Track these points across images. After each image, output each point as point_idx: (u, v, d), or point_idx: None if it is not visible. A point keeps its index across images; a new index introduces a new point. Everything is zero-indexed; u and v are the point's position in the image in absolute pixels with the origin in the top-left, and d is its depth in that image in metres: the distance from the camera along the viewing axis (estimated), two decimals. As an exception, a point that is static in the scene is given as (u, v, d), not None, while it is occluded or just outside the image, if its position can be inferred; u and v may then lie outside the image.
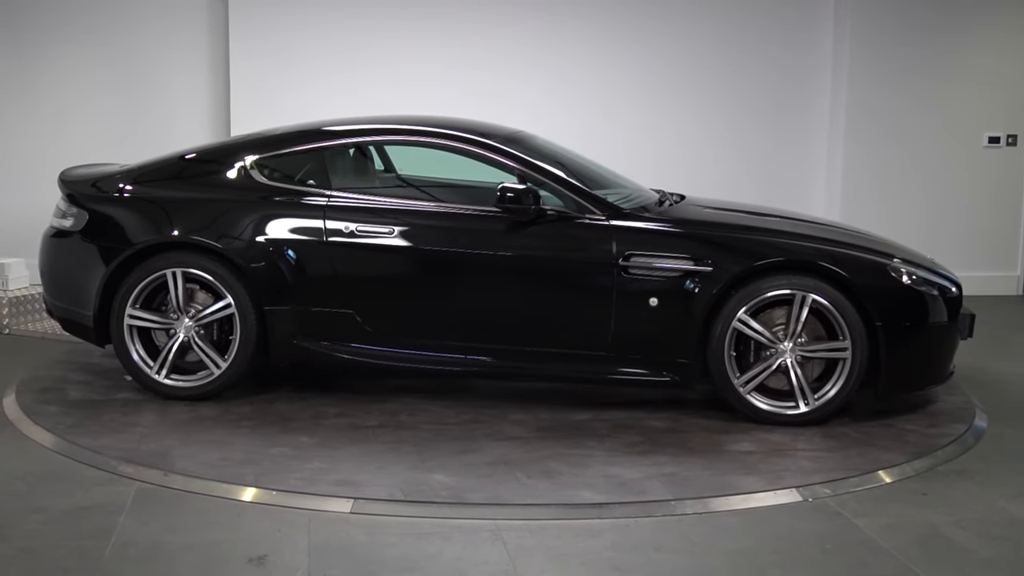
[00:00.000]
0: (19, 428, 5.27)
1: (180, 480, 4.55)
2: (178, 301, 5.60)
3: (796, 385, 5.43)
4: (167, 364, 5.65)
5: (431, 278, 5.58)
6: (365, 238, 5.57)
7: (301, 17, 9.12)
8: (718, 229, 5.66)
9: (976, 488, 4.72)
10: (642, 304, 5.41)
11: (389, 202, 5.72)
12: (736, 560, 3.90)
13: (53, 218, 6.04)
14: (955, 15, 9.60)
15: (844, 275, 5.39)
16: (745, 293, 5.39)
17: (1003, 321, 8.89)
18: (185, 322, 5.63)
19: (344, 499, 4.34)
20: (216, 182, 5.83)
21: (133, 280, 5.62)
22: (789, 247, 5.52)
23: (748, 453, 5.07)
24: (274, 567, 3.76)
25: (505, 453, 4.98)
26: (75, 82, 9.06)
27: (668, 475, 4.73)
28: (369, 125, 6.15)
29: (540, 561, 3.86)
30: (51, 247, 5.99)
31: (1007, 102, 9.80)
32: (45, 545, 3.88)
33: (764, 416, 5.45)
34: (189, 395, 5.65)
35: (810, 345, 5.45)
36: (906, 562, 3.88)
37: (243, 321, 5.56)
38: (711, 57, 9.59)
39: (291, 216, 5.64)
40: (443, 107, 8.77)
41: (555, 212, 5.54)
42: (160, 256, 5.62)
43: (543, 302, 5.56)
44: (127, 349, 5.67)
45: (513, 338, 5.58)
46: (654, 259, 5.42)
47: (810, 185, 9.83)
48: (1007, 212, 9.92)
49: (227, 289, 5.56)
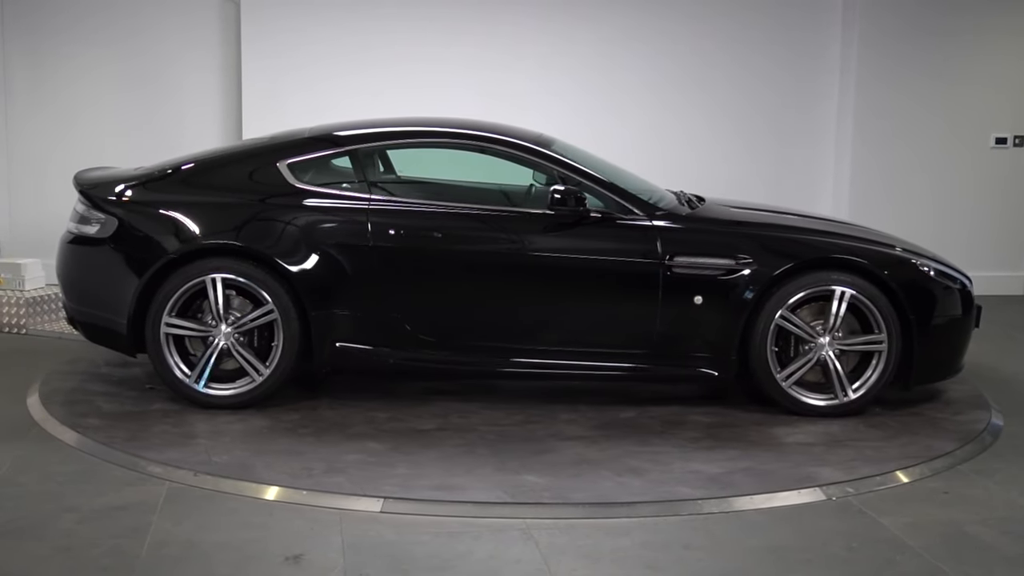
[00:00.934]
0: (45, 428, 5.30)
1: (210, 480, 4.59)
2: (218, 308, 5.49)
3: (836, 378, 5.62)
4: (206, 373, 5.55)
5: (477, 280, 5.64)
6: (411, 241, 5.57)
7: (312, 18, 9.16)
8: (756, 228, 5.82)
9: (996, 487, 4.78)
10: (687, 302, 5.55)
11: (432, 204, 5.73)
12: (764, 558, 3.94)
13: (72, 223, 5.86)
14: (961, 18, 9.68)
15: (880, 271, 5.60)
16: (786, 290, 5.57)
17: (1011, 320, 8.95)
18: (223, 329, 5.52)
19: (374, 498, 4.38)
20: (250, 185, 5.69)
21: (170, 287, 5.48)
22: (827, 245, 5.72)
23: (809, 445, 5.26)
24: (310, 565, 3.80)
25: (579, 452, 5.05)
26: (86, 81, 9.11)
27: (746, 469, 4.86)
28: (409, 128, 6.10)
29: (572, 560, 3.90)
30: (74, 254, 5.83)
31: (1014, 103, 9.86)
32: (81, 544, 3.92)
33: (805, 409, 5.64)
34: (229, 404, 5.54)
35: (848, 339, 5.63)
36: (933, 560, 3.93)
37: (286, 326, 5.48)
38: (719, 57, 9.65)
39: (334, 219, 5.58)
40: (453, 107, 8.81)
41: (599, 213, 5.64)
42: (198, 262, 5.50)
43: (590, 302, 5.65)
44: (164, 358, 5.53)
45: (559, 339, 5.66)
46: (698, 258, 5.58)
47: (818, 185, 9.89)
48: (1014, 212, 9.99)
49: (269, 294, 5.47)
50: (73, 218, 5.90)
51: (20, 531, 4.03)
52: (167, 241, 5.54)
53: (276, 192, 5.65)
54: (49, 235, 8.73)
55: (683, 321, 5.59)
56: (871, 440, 5.31)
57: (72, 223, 5.89)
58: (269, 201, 5.63)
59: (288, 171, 5.70)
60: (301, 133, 6.03)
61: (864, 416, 5.68)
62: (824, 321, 5.62)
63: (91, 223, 5.73)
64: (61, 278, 5.97)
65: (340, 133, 5.97)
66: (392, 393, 5.96)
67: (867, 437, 5.36)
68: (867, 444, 5.24)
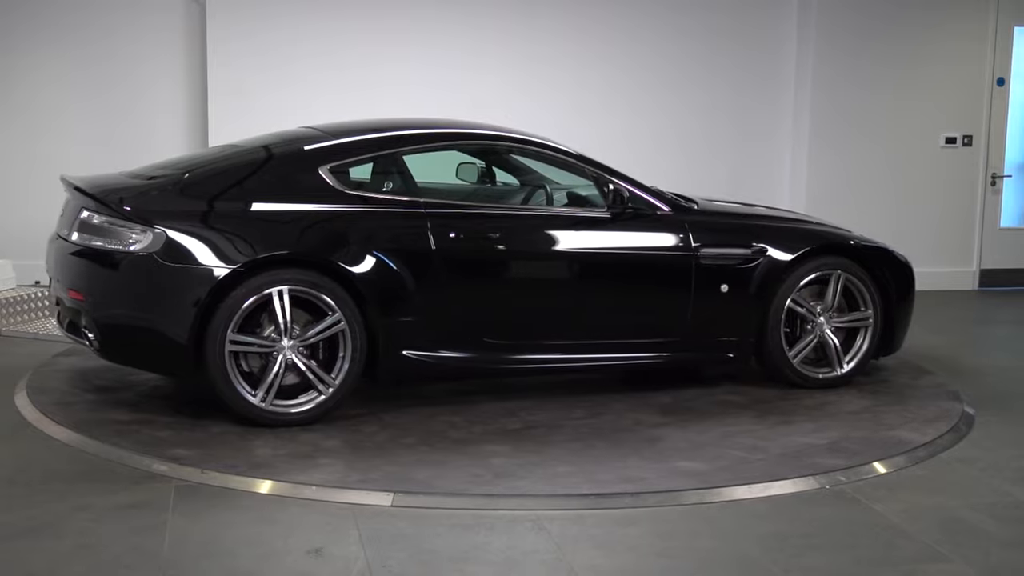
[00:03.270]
0: (40, 428, 5.29)
1: (218, 477, 4.63)
2: (286, 321, 5.23)
3: (834, 353, 6.22)
4: (273, 389, 5.25)
5: (534, 280, 5.84)
6: (471, 243, 5.60)
7: (278, 20, 9.17)
8: (764, 220, 6.41)
9: (979, 474, 4.97)
10: (715, 290, 5.95)
11: (485, 207, 5.95)
12: (772, 544, 4.08)
13: (99, 241, 5.31)
14: (912, 23, 9.94)
15: (868, 254, 6.31)
16: (796, 275, 6.09)
17: (965, 315, 9.25)
18: (286, 343, 5.25)
19: (384, 492, 4.45)
20: (297, 192, 5.45)
21: (234, 302, 5.15)
22: (827, 234, 6.37)
23: (860, 412, 5.82)
24: (332, 558, 3.86)
25: (683, 438, 5.32)
26: (51, 85, 9.05)
27: (835, 441, 5.30)
28: (448, 130, 6.12)
29: (587, 549, 4.01)
30: (109, 275, 5.26)
31: (963, 104, 10.14)
32: (101, 542, 3.95)
33: (812, 382, 6.21)
34: (298, 421, 5.28)
35: (842, 317, 6.24)
36: (932, 544, 4.09)
37: (353, 337, 5.32)
38: (680, 54, 9.86)
39: (394, 224, 5.49)
40: (421, 105, 8.93)
41: (632, 209, 5.93)
42: (263, 274, 5.20)
43: (636, 295, 5.96)
44: (229, 378, 5.18)
45: (609, 332, 5.92)
46: (722, 248, 6.01)
47: (776, 181, 10.11)
48: (963, 210, 10.27)
49: (337, 304, 5.28)
50: (88, 230, 5.38)
51: (36, 530, 4.04)
52: (228, 253, 5.18)
53: (326, 198, 5.45)
54: (16, 237, 8.77)
55: (711, 308, 5.97)
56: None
57: (98, 241, 5.33)
58: (322, 208, 5.42)
59: (331, 176, 5.52)
60: (322, 136, 5.81)
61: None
62: (821, 302, 6.19)
63: (130, 238, 5.22)
64: (91, 303, 5.32)
65: (380, 135, 5.89)
66: (440, 395, 5.94)
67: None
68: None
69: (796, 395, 6.12)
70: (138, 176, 5.72)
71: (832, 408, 5.90)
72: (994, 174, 10.19)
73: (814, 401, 6.01)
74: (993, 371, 7.05)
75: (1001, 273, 10.33)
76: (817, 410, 5.85)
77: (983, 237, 10.28)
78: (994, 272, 10.33)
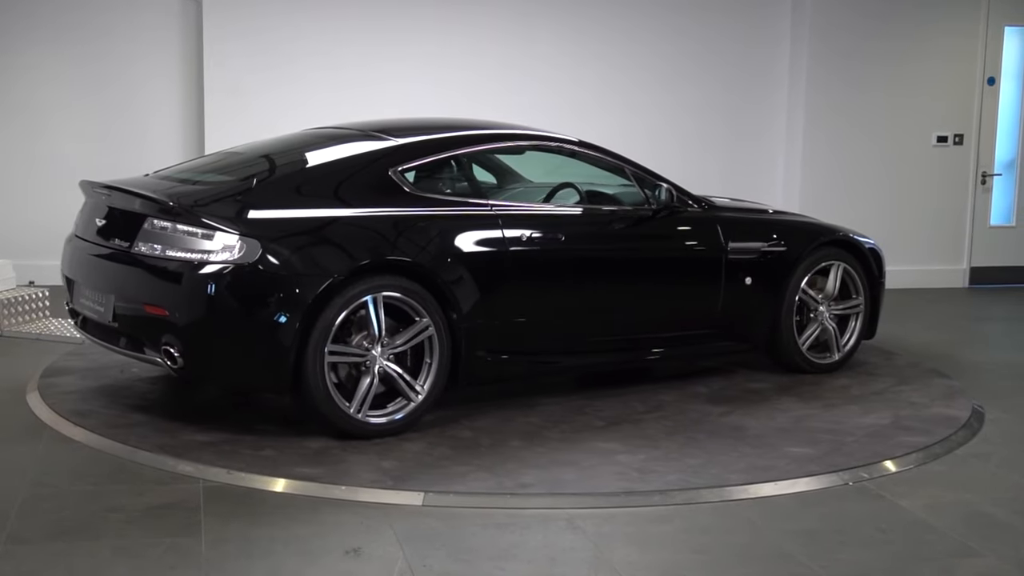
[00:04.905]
0: (58, 430, 5.25)
1: (244, 477, 4.62)
2: (380, 329, 5.07)
3: (834, 338, 6.61)
4: (368, 400, 5.08)
5: (599, 279, 5.90)
6: (540, 244, 5.61)
7: (275, 18, 9.15)
8: (775, 216, 6.76)
9: (996, 469, 5.04)
10: (740, 283, 6.24)
11: (547, 208, 5.98)
12: (805, 541, 4.12)
13: (179, 252, 4.93)
14: (905, 21, 10.02)
15: (861, 247, 6.68)
16: (805, 267, 6.45)
17: (959, 312, 9.34)
18: (376, 352, 5.09)
19: (415, 492, 4.46)
20: (374, 196, 5.29)
21: (333, 312, 4.94)
22: (830, 228, 6.73)
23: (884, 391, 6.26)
24: (371, 558, 3.87)
25: (762, 426, 5.55)
26: (48, 84, 9.01)
27: (906, 417, 5.71)
28: (507, 131, 6.12)
29: (623, 546, 4.03)
30: (199, 288, 4.86)
31: (954, 103, 10.24)
32: (139, 544, 3.93)
33: (816, 368, 6.58)
34: (389, 431, 5.13)
35: (838, 304, 6.61)
36: (961, 540, 4.15)
37: (440, 341, 5.21)
38: (675, 52, 9.94)
39: (470, 227, 5.41)
40: (416, 106, 8.93)
41: (668, 208, 6.12)
42: (358, 282, 5.00)
43: (681, 290, 6.20)
44: (329, 391, 4.97)
45: (659, 326, 6.14)
46: (746, 243, 6.29)
47: (770, 179, 10.18)
48: (954, 208, 10.37)
49: (426, 309, 5.17)
50: (160, 240, 5.00)
51: (70, 532, 4.02)
52: (328, 261, 4.99)
53: (400, 201, 5.32)
54: (14, 237, 8.72)
55: (737, 300, 6.25)
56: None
57: (166, 247, 4.98)
58: (403, 211, 5.28)
59: (402, 178, 5.42)
60: (372, 136, 5.69)
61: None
62: (821, 292, 6.57)
63: (221, 247, 4.88)
64: (177, 326, 4.94)
65: (448, 136, 5.84)
66: (502, 396, 5.90)
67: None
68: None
69: (807, 381, 6.47)
70: (171, 179, 5.52)
71: (856, 391, 6.29)
72: (984, 173, 10.30)
73: (832, 385, 6.41)
74: (994, 367, 7.14)
75: (991, 271, 10.44)
76: (843, 392, 6.26)
77: (973, 235, 10.38)
78: (984, 270, 10.43)
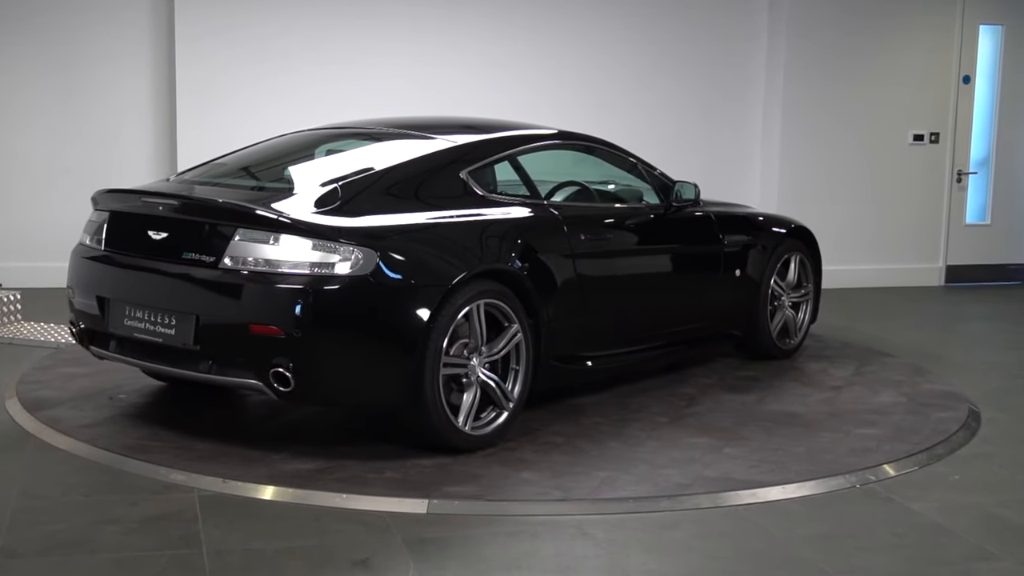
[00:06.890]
0: (42, 439, 5.08)
1: (240, 487, 4.48)
2: (483, 337, 4.91)
3: (794, 325, 7.03)
4: (472, 412, 4.90)
5: (647, 276, 6.09)
6: (597, 245, 5.63)
7: (248, 16, 9.01)
8: (745, 211, 7.06)
9: (1000, 470, 5.00)
10: (733, 275, 6.55)
11: (597, 208, 6.05)
12: (819, 545, 4.05)
13: (290, 268, 4.56)
14: (881, 18, 10.04)
15: (812, 236, 7.12)
16: (775, 257, 6.78)
17: (940, 311, 9.36)
18: (476, 360, 4.92)
19: (419, 499, 4.34)
20: (455, 199, 5.13)
21: (445, 321, 4.71)
22: (789, 220, 7.13)
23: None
24: (381, 568, 3.75)
25: (810, 412, 5.78)
26: (17, 86, 8.82)
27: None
28: (547, 130, 6.09)
29: (637, 553, 3.94)
30: (315, 304, 4.51)
31: (931, 101, 10.26)
32: (138, 557, 3.79)
33: (783, 353, 6.97)
34: (487, 442, 4.95)
35: (794, 292, 6.99)
36: (977, 543, 4.09)
37: (527, 347, 5.08)
38: (654, 50, 9.89)
39: (541, 230, 5.33)
40: (400, 102, 8.82)
41: (676, 206, 6.29)
42: (463, 289, 4.79)
43: (700, 284, 6.45)
44: (443, 407, 4.75)
45: (683, 320, 6.35)
46: (734, 238, 6.57)
47: (748, 175, 10.15)
48: (930, 206, 10.40)
49: (516, 314, 5.03)
50: (257, 254, 4.61)
51: (66, 545, 3.87)
52: (440, 268, 4.78)
53: (478, 204, 5.19)
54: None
55: (732, 291, 6.56)
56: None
57: (269, 262, 4.59)
58: (486, 215, 5.16)
59: (471, 180, 5.25)
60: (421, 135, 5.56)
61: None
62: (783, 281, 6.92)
63: (329, 260, 4.57)
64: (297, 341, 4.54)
65: (504, 135, 5.73)
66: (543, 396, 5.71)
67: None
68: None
69: (787, 367, 6.85)
70: (227, 185, 5.22)
71: (859, 389, 6.39)
72: (960, 171, 10.33)
73: (811, 369, 6.82)
74: (982, 367, 7.13)
75: (966, 269, 10.47)
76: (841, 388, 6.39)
77: (949, 233, 10.40)
78: (959, 268, 10.46)
